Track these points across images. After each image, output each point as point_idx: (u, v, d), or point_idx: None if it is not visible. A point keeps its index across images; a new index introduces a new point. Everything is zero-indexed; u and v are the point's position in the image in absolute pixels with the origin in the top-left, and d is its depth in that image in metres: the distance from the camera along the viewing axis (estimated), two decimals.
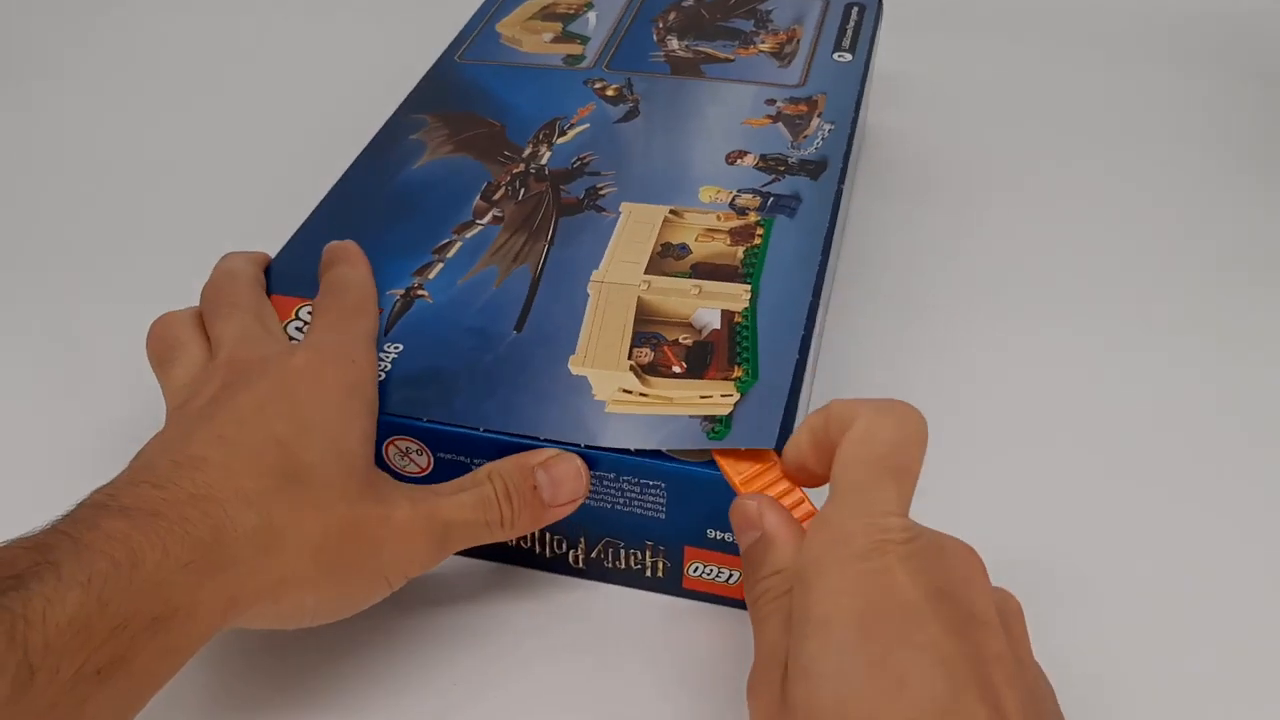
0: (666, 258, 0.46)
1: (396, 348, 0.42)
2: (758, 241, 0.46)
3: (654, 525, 0.40)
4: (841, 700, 0.29)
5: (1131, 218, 0.62)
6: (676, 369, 0.41)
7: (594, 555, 0.42)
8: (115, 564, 0.29)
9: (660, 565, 0.41)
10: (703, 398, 0.40)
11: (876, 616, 0.30)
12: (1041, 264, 0.59)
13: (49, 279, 0.58)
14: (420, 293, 0.44)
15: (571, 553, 0.42)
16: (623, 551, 0.41)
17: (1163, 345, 0.54)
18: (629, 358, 0.41)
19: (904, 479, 0.33)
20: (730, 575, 0.41)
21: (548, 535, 0.42)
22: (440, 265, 0.46)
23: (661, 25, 0.61)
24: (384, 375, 0.41)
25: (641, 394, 0.40)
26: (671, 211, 0.48)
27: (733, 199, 0.49)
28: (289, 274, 0.45)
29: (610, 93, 0.56)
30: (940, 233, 0.61)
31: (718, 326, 0.42)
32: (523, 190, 0.49)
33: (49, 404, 0.50)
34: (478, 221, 0.48)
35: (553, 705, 0.39)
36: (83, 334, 0.54)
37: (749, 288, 0.44)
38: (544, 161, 0.51)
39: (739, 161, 0.51)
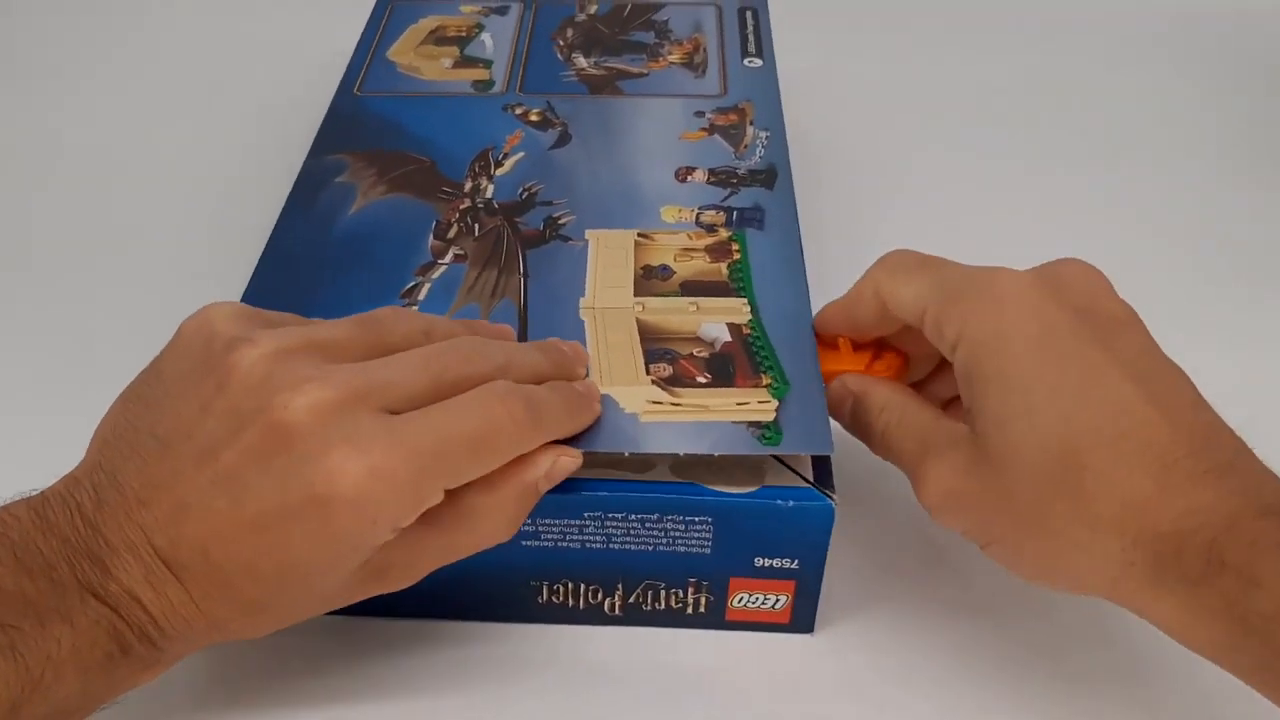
0: (651, 279, 0.44)
1: None
2: (737, 256, 0.45)
3: (699, 561, 0.39)
4: (1037, 433, 0.33)
5: (1123, 219, 0.62)
6: (701, 379, 0.39)
7: (632, 600, 0.40)
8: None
9: (703, 601, 0.40)
10: (740, 404, 0.38)
11: (1040, 349, 0.34)
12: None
13: None
14: None
15: (607, 601, 0.40)
16: (663, 592, 0.40)
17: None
18: (647, 373, 0.40)
19: (945, 260, 0.39)
20: (776, 600, 0.40)
21: (582, 586, 0.40)
22: (414, 310, 0.43)
23: (563, 43, 0.60)
24: None
25: (674, 403, 0.39)
26: (640, 235, 0.46)
27: (697, 216, 0.47)
28: None
29: (534, 118, 0.54)
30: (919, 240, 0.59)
31: (729, 339, 0.41)
32: (477, 226, 0.47)
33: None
34: (439, 261, 0.45)
35: None
36: None
37: (745, 301, 0.43)
38: (489, 195, 0.49)
39: (689, 178, 0.50)
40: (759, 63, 0.58)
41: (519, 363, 0.36)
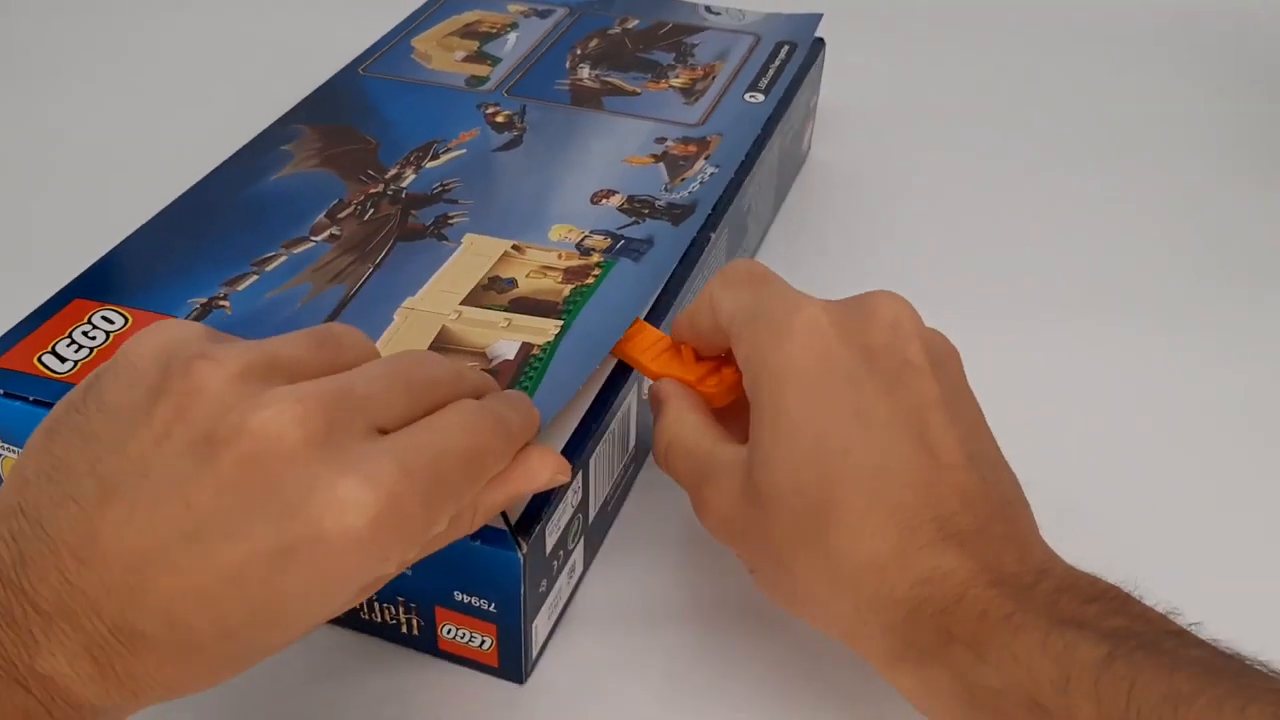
0: (490, 290, 0.43)
1: None
2: (590, 282, 0.43)
3: (404, 581, 0.37)
4: (796, 478, 0.32)
5: (1126, 220, 0.62)
6: None
7: None
8: None
9: (414, 623, 0.39)
10: None
11: (815, 391, 0.33)
12: (1028, 269, 0.59)
13: None
14: (222, 303, 0.42)
15: None
16: (375, 604, 0.39)
17: (1156, 347, 0.53)
18: None
19: (778, 278, 0.37)
20: (484, 641, 0.38)
21: None
22: (255, 278, 0.44)
23: (579, 53, 0.59)
24: None
25: None
26: (513, 246, 0.45)
27: (582, 239, 0.46)
28: (105, 279, 0.44)
29: (500, 119, 0.53)
30: (920, 249, 0.60)
31: (510, 358, 0.40)
32: (371, 211, 0.47)
33: None
34: (312, 238, 0.46)
35: None
36: None
37: (561, 324, 0.41)
38: (405, 184, 0.49)
39: (604, 201, 0.48)
40: (760, 98, 0.55)
41: (466, 376, 0.33)
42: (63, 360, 0.40)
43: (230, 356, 0.28)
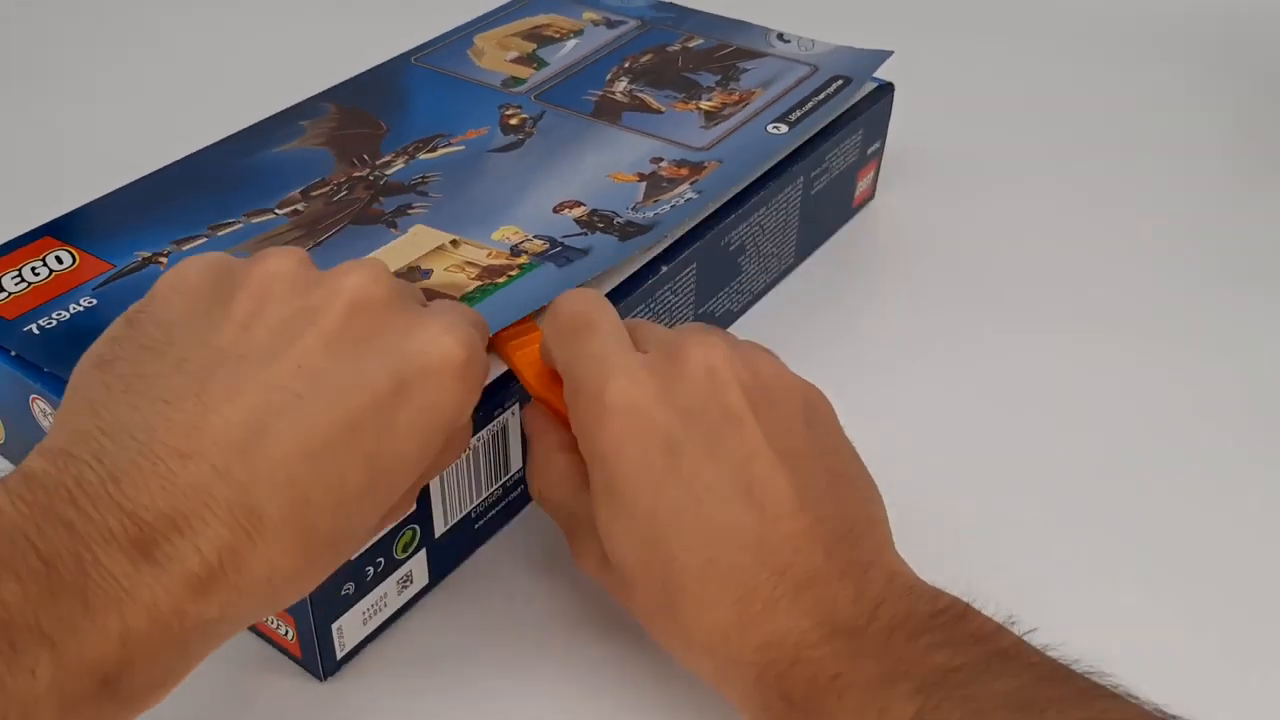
0: (402, 279, 0.43)
1: (91, 301, 0.42)
2: (501, 281, 0.43)
3: None
4: (638, 555, 0.33)
5: (1133, 221, 0.63)
6: None
7: None
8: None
9: None
10: None
11: (640, 470, 0.32)
12: (1042, 267, 0.59)
13: None
14: (161, 259, 0.44)
15: None
16: None
17: (1159, 350, 0.54)
18: None
19: (601, 326, 0.35)
20: (287, 631, 0.38)
21: None
22: (203, 240, 0.46)
23: (626, 66, 0.58)
24: (56, 324, 0.41)
25: None
26: (451, 241, 0.45)
27: (521, 242, 0.45)
28: (77, 222, 0.47)
29: (514, 121, 0.53)
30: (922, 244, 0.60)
31: None
32: (345, 193, 0.48)
33: None
34: (275, 210, 0.47)
35: None
36: None
37: None
38: (390, 172, 0.50)
39: (566, 211, 0.47)
40: (783, 129, 0.53)
41: None
42: (1, 290, 0.43)
43: (287, 250, 0.31)
